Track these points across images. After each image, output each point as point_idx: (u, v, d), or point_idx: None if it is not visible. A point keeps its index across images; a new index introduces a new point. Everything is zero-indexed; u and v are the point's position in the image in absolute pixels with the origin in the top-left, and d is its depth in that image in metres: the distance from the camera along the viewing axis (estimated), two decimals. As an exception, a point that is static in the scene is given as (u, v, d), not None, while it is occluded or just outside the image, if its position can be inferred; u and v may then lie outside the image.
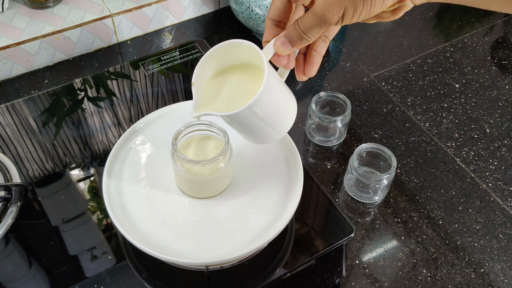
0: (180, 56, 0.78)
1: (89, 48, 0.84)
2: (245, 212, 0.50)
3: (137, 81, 0.74)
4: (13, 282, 0.51)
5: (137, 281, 0.51)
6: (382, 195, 0.64)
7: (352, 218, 0.63)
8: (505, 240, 0.61)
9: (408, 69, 0.85)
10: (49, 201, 0.58)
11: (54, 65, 0.82)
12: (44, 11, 0.81)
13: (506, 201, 0.66)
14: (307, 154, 0.70)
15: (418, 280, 0.57)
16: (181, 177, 0.50)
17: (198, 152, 0.51)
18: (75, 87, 0.73)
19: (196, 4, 0.91)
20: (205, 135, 0.51)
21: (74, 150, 0.65)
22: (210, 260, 0.46)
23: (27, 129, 0.66)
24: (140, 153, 0.55)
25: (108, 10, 0.82)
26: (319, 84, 0.82)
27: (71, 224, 0.56)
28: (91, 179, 0.61)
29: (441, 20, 0.96)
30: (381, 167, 0.65)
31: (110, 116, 0.69)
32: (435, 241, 0.61)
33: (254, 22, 0.81)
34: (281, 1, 0.43)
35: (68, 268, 0.52)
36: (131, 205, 0.50)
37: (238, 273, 0.51)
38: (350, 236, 0.55)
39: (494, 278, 0.58)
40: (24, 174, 0.61)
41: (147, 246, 0.45)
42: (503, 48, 0.90)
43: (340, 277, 0.57)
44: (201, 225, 0.49)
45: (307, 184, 0.52)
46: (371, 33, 0.92)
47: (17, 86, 0.78)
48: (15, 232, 0.55)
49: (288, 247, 0.54)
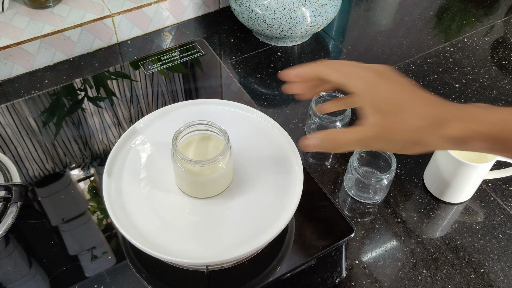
0: (180, 56, 0.78)
1: (89, 48, 0.84)
2: (245, 212, 0.50)
3: (137, 81, 0.74)
4: (13, 282, 0.51)
5: (137, 281, 0.51)
6: (382, 195, 0.64)
7: (352, 218, 0.63)
8: (505, 240, 0.61)
9: (408, 69, 0.85)
10: (49, 201, 0.58)
11: (54, 65, 0.82)
12: (44, 11, 0.81)
13: (506, 201, 0.66)
14: (307, 154, 0.70)
15: (418, 280, 0.57)
16: (181, 177, 0.50)
17: (198, 152, 0.51)
18: (75, 87, 0.73)
19: (196, 4, 0.91)
20: (205, 135, 0.51)
21: (74, 150, 0.65)
22: (210, 260, 0.46)
23: (27, 129, 0.66)
24: (140, 153, 0.55)
25: (108, 10, 0.82)
26: (319, 84, 0.82)
27: (71, 224, 0.56)
28: (91, 179, 0.61)
29: (441, 20, 0.96)
30: (381, 167, 0.65)
31: (110, 116, 0.69)
32: (435, 241, 0.61)
33: (254, 22, 0.81)
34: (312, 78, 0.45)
35: (68, 268, 0.52)
36: (131, 205, 0.50)
37: (238, 273, 0.51)
38: (350, 236, 0.55)
39: (494, 278, 0.58)
40: (24, 174, 0.61)
41: (147, 246, 0.45)
42: (503, 48, 0.90)
43: (340, 277, 0.57)
44: (201, 225, 0.49)
45: (307, 184, 0.52)
46: (371, 33, 0.92)
47: (17, 86, 0.78)
48: (15, 232, 0.55)
49: (288, 247, 0.54)
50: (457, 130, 0.38)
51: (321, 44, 0.89)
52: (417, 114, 0.40)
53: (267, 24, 0.80)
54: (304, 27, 0.81)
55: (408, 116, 0.40)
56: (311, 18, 0.80)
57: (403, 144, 0.41)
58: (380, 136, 0.41)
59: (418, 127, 0.39)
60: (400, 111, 0.40)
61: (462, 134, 0.38)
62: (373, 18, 0.97)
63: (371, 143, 0.42)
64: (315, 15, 0.80)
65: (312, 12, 0.79)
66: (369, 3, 1.00)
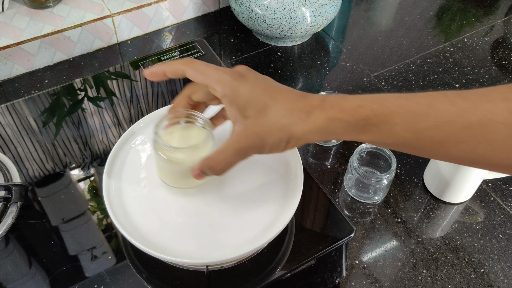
0: (180, 56, 0.78)
1: (89, 48, 0.84)
2: (245, 212, 0.50)
3: (137, 81, 0.74)
4: (13, 282, 0.51)
5: (137, 281, 0.51)
6: (382, 195, 0.64)
7: (352, 218, 0.63)
8: (505, 240, 0.61)
9: (408, 69, 0.85)
10: (49, 201, 0.58)
11: (54, 65, 0.82)
12: (44, 11, 0.81)
13: (506, 201, 0.66)
14: (307, 154, 0.70)
15: (418, 280, 0.57)
16: (162, 167, 0.49)
17: (180, 140, 0.50)
18: (75, 87, 0.73)
19: (196, 4, 0.91)
20: (188, 125, 0.51)
21: (74, 150, 0.65)
22: (210, 260, 0.46)
23: (27, 129, 0.66)
24: (140, 153, 0.55)
25: (108, 10, 0.82)
26: (319, 84, 0.82)
27: (71, 224, 0.56)
28: (91, 179, 0.61)
29: (441, 20, 0.96)
30: (381, 167, 0.65)
31: (110, 116, 0.69)
32: (435, 241, 0.61)
33: (254, 22, 0.81)
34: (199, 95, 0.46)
35: (68, 268, 0.52)
36: (131, 205, 0.50)
37: (238, 273, 0.51)
38: (350, 236, 0.55)
39: (494, 278, 0.58)
40: (24, 174, 0.61)
41: (147, 246, 0.45)
42: (503, 48, 0.90)
43: (340, 277, 0.57)
44: (201, 225, 0.49)
45: (307, 184, 0.52)
46: (371, 33, 0.92)
47: (17, 86, 0.78)
48: (15, 232, 0.55)
49: (288, 247, 0.54)
50: (320, 120, 0.39)
51: (321, 44, 0.89)
52: (280, 112, 0.39)
53: (267, 24, 0.80)
54: (304, 27, 0.81)
55: (272, 115, 0.39)
56: (311, 18, 0.80)
57: (277, 144, 0.40)
58: (252, 143, 0.40)
59: (284, 125, 0.39)
60: (263, 113, 0.40)
61: (325, 123, 0.39)
62: (373, 18, 0.97)
63: (248, 152, 0.41)
64: (315, 15, 0.80)
65: (312, 12, 0.79)
66: (369, 3, 1.00)
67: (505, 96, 0.34)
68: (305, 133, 0.39)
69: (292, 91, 0.41)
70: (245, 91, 0.40)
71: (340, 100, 0.39)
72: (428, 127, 0.36)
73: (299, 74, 0.83)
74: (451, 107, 0.35)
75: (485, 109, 0.34)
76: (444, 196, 0.65)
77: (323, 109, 0.39)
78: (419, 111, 0.36)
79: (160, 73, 0.44)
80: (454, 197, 0.64)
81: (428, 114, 0.36)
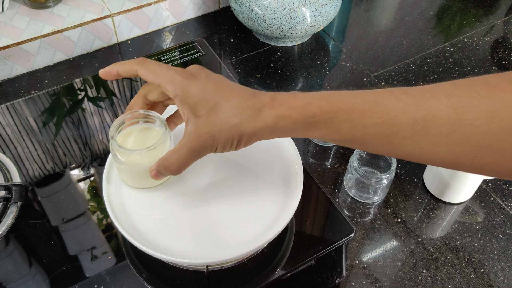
0: (180, 56, 0.78)
1: (89, 48, 0.84)
2: (245, 212, 0.50)
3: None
4: (13, 282, 0.51)
5: (137, 281, 0.51)
6: (382, 195, 0.64)
7: (352, 218, 0.63)
8: (505, 240, 0.62)
9: (408, 69, 0.85)
10: (49, 201, 0.58)
11: (54, 65, 0.82)
12: (44, 11, 0.81)
13: (506, 201, 0.66)
14: (307, 154, 0.70)
15: (418, 280, 0.57)
16: (120, 169, 0.50)
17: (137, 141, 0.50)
18: (75, 87, 0.73)
19: (196, 4, 0.91)
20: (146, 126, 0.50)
21: (74, 150, 0.65)
22: (210, 260, 0.46)
23: (27, 129, 0.66)
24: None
25: (108, 10, 0.82)
26: (319, 84, 0.82)
27: (71, 224, 0.56)
28: (91, 179, 0.61)
29: (441, 20, 0.96)
30: (381, 167, 0.65)
31: (110, 116, 0.69)
32: (435, 241, 0.61)
33: (254, 22, 0.81)
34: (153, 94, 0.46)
35: (68, 268, 0.52)
36: (131, 205, 0.50)
37: (238, 273, 0.51)
38: (350, 236, 0.55)
39: (494, 278, 0.58)
40: (24, 174, 0.61)
41: (147, 246, 0.45)
42: (503, 48, 0.90)
43: (340, 277, 0.57)
44: (201, 225, 0.49)
45: (307, 184, 0.52)
46: (371, 33, 0.92)
47: (17, 86, 0.78)
48: (15, 232, 0.55)
49: (288, 247, 0.54)
50: (270, 118, 0.39)
51: (321, 44, 0.89)
52: (231, 110, 0.39)
53: (267, 24, 0.80)
54: (304, 27, 0.81)
55: (223, 114, 0.39)
56: (311, 18, 0.80)
57: (229, 143, 0.40)
58: (204, 143, 0.40)
59: (235, 124, 0.39)
60: (214, 111, 0.40)
61: (275, 121, 0.39)
62: (373, 18, 0.97)
63: (200, 151, 0.41)
64: (315, 15, 0.80)
65: (312, 12, 0.79)
66: (369, 3, 1.00)
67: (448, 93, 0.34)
68: (255, 131, 0.39)
69: (243, 89, 0.41)
70: (196, 90, 0.40)
71: (290, 98, 0.39)
72: (374, 124, 0.36)
73: (299, 74, 0.83)
74: (396, 103, 0.35)
75: (429, 105, 0.34)
76: (444, 196, 0.65)
77: (273, 107, 0.39)
78: (365, 108, 0.36)
79: (114, 72, 0.44)
80: (454, 197, 0.64)
81: (374, 111, 0.36)
